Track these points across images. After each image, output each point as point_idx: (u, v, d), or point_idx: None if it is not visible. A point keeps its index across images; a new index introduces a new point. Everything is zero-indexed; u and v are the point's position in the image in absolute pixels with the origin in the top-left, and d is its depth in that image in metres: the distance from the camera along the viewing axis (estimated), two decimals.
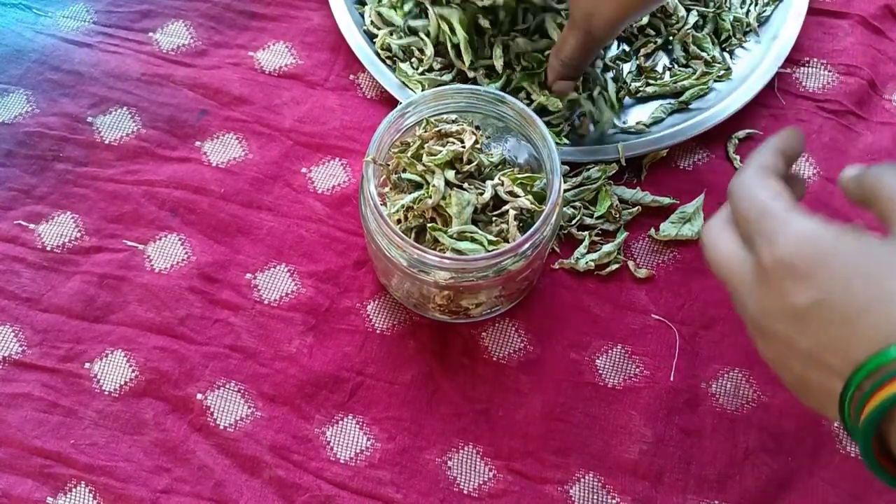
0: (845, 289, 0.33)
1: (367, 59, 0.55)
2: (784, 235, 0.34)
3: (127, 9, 0.59)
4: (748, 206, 0.36)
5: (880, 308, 0.32)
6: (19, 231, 0.51)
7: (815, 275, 0.34)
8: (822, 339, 0.33)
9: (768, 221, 0.35)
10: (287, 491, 0.45)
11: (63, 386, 0.47)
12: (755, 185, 0.37)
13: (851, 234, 0.35)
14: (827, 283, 0.33)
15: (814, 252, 0.34)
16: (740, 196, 0.37)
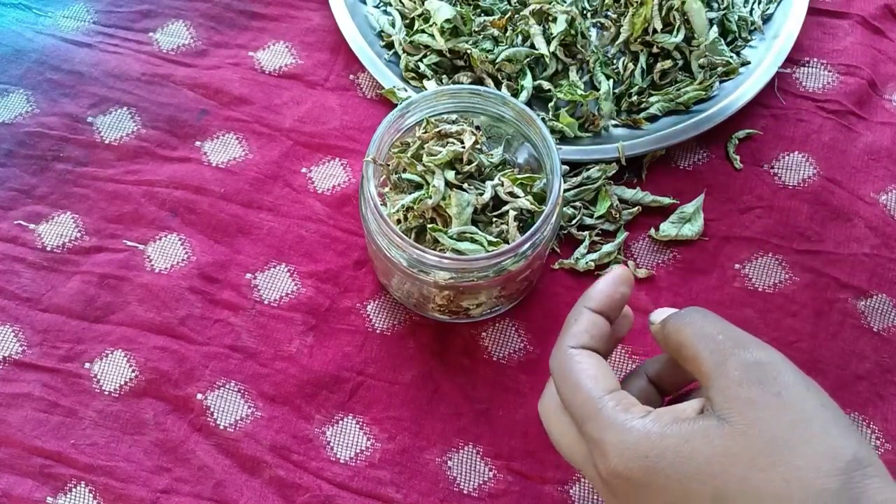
0: (685, 497, 0.31)
1: (367, 59, 0.55)
2: (612, 446, 0.32)
3: (127, 9, 0.59)
4: (571, 398, 0.34)
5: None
6: (19, 231, 0.51)
7: (652, 486, 0.31)
8: None
9: (593, 426, 0.33)
10: (287, 491, 0.45)
11: (63, 386, 0.47)
12: (572, 370, 0.34)
13: (678, 433, 0.31)
14: (666, 494, 0.31)
15: (645, 463, 0.31)
16: (561, 381, 0.35)
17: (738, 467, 0.30)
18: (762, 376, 0.32)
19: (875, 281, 0.51)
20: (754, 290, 0.51)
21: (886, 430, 0.47)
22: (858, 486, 0.29)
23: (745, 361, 0.32)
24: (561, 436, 0.36)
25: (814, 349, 0.49)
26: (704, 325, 0.34)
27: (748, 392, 0.31)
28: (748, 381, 0.31)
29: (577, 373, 0.34)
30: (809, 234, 0.53)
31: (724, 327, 0.34)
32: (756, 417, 0.30)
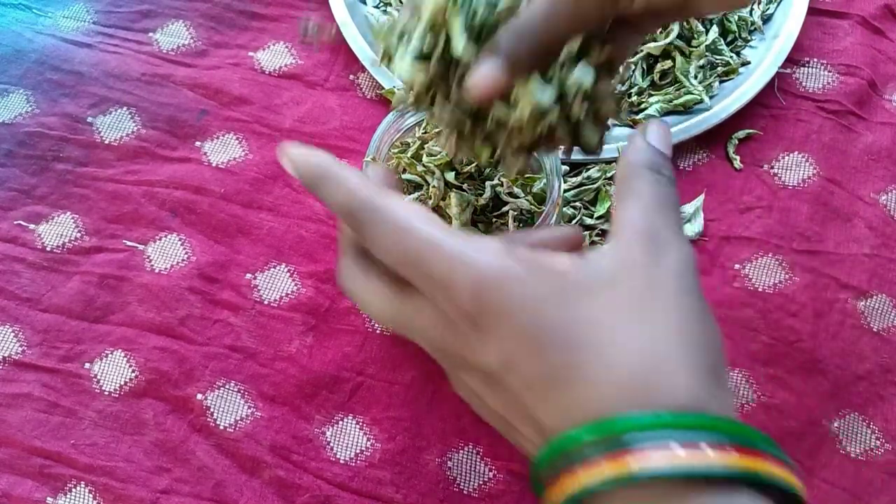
0: (533, 348, 0.28)
1: (368, 59, 0.55)
2: (458, 277, 0.28)
3: (127, 9, 0.59)
4: (405, 261, 0.30)
5: (568, 379, 0.27)
6: (19, 231, 0.51)
7: (499, 330, 0.28)
8: (512, 406, 0.29)
9: (435, 266, 0.29)
10: (287, 491, 0.45)
11: (63, 386, 0.47)
12: (399, 227, 0.30)
13: (538, 272, 0.29)
14: (514, 338, 0.28)
15: (498, 302, 0.28)
16: (386, 249, 0.30)
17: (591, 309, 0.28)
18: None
19: (875, 281, 0.51)
20: (754, 291, 0.51)
21: (886, 430, 0.47)
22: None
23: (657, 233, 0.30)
24: (376, 300, 0.32)
25: (814, 349, 0.49)
26: (657, 193, 0.31)
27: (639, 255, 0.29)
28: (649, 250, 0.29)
29: (401, 217, 0.30)
30: (809, 234, 0.53)
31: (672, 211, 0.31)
32: (627, 275, 0.29)
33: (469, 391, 0.32)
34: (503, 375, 0.29)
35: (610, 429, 0.26)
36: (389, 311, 0.32)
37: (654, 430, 0.26)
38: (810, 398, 0.48)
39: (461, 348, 0.30)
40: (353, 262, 0.33)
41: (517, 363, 0.28)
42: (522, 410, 0.29)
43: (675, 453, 0.25)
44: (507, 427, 0.31)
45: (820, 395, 0.48)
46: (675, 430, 0.26)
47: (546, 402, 0.28)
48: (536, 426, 0.29)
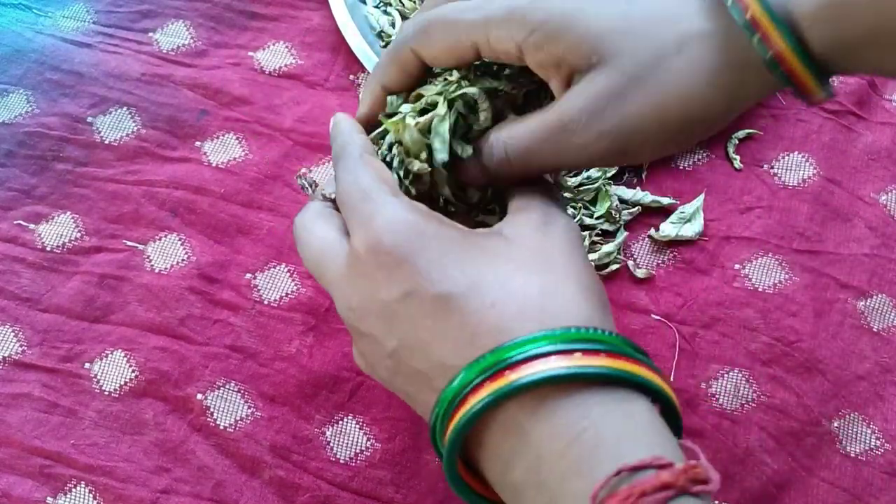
0: (435, 281, 0.31)
1: (368, 59, 0.55)
2: (380, 219, 0.32)
3: (127, 9, 0.59)
4: (350, 189, 0.34)
5: (472, 307, 0.30)
6: (19, 231, 0.51)
7: (406, 264, 0.31)
8: (409, 339, 0.31)
9: (367, 205, 0.32)
10: (287, 491, 0.45)
11: (63, 386, 0.47)
12: (359, 168, 0.34)
13: (450, 225, 0.33)
14: (417, 274, 0.31)
15: (406, 239, 0.31)
16: (344, 180, 0.34)
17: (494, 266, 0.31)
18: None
19: (875, 281, 0.51)
20: (754, 291, 0.51)
21: (886, 430, 0.47)
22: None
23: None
24: (318, 231, 0.35)
25: (814, 349, 0.49)
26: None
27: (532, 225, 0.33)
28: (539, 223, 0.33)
29: (363, 170, 0.34)
30: (809, 234, 0.53)
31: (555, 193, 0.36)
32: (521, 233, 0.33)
33: (367, 342, 0.33)
34: (405, 306, 0.31)
35: (497, 356, 0.29)
36: (321, 239, 0.35)
37: (536, 345, 0.28)
38: (810, 398, 0.48)
39: (367, 284, 0.32)
40: (314, 206, 0.37)
41: (420, 293, 0.31)
42: (420, 349, 0.31)
43: (548, 363, 0.28)
44: (399, 377, 0.33)
45: (820, 394, 0.48)
46: (556, 344, 0.28)
47: (444, 334, 0.30)
48: (431, 358, 0.31)
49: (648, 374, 0.29)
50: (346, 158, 0.35)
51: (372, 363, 0.34)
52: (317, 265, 0.35)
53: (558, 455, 0.28)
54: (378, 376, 0.34)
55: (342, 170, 0.35)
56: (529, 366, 0.28)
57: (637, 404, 0.29)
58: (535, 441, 0.29)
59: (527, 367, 0.28)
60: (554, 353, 0.28)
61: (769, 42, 0.30)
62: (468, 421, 0.29)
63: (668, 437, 0.29)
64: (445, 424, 0.30)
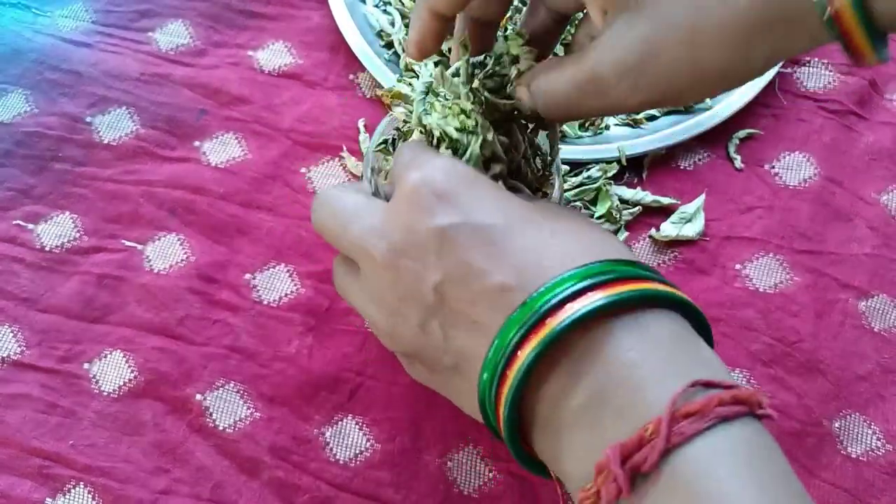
0: (484, 214, 0.32)
1: (367, 58, 0.55)
2: (436, 161, 0.34)
3: (126, 8, 0.58)
4: (408, 146, 0.36)
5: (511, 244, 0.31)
6: (18, 231, 0.51)
7: (459, 197, 0.32)
8: (458, 267, 0.32)
9: (423, 155, 0.35)
10: (286, 492, 0.45)
11: (62, 386, 0.47)
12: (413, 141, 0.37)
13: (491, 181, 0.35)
14: (468, 206, 0.32)
15: (458, 180, 0.33)
16: (401, 147, 0.37)
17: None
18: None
19: (876, 281, 0.51)
20: (755, 291, 0.51)
21: (887, 430, 0.47)
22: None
23: None
24: (349, 196, 0.36)
25: (815, 349, 0.49)
26: None
27: None
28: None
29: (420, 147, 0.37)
30: (810, 234, 0.52)
31: None
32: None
33: (411, 285, 0.33)
34: (453, 233, 0.32)
35: (531, 307, 0.30)
36: (353, 201, 0.36)
37: (568, 285, 0.30)
38: (811, 398, 0.48)
39: (414, 217, 0.33)
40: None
41: (468, 223, 0.32)
42: (466, 322, 0.32)
43: (587, 299, 0.29)
44: (437, 320, 0.33)
45: (821, 395, 0.48)
46: (588, 279, 0.30)
47: (485, 300, 0.31)
48: (480, 334, 0.31)
49: (669, 289, 0.32)
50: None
51: (405, 307, 0.33)
52: (349, 219, 0.35)
53: (625, 374, 0.29)
54: (408, 326, 0.34)
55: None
56: (562, 311, 0.29)
57: (680, 322, 0.31)
58: (597, 365, 0.30)
59: (561, 314, 0.29)
60: (589, 288, 0.30)
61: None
62: (521, 380, 0.30)
63: (715, 356, 0.31)
64: (498, 384, 0.30)
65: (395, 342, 0.36)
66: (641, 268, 0.32)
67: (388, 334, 0.36)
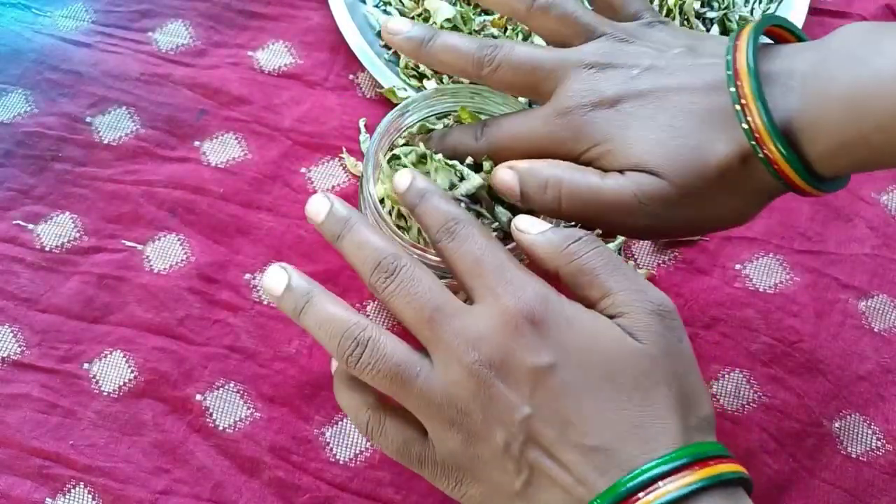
0: (581, 364, 0.32)
1: (367, 58, 0.55)
2: (527, 285, 0.33)
3: (126, 8, 0.58)
4: (485, 256, 0.35)
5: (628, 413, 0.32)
6: (18, 231, 0.51)
7: (554, 335, 0.33)
8: (551, 411, 0.32)
9: (508, 271, 0.34)
10: (286, 492, 0.45)
11: (62, 386, 0.47)
12: (483, 232, 0.36)
13: (587, 311, 0.34)
14: (565, 348, 0.32)
15: (556, 313, 0.33)
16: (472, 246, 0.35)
17: (646, 379, 0.32)
18: (671, 322, 0.34)
19: (876, 281, 0.51)
20: (755, 291, 0.51)
21: (887, 430, 0.47)
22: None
23: (654, 299, 0.34)
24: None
25: (815, 349, 0.49)
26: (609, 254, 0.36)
27: (658, 326, 0.33)
28: (659, 315, 0.34)
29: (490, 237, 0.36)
30: (810, 234, 0.52)
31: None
32: (665, 348, 0.33)
33: (497, 413, 0.32)
34: (548, 376, 0.32)
35: (621, 485, 0.31)
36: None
37: (653, 475, 0.31)
38: (811, 398, 0.48)
39: (518, 347, 0.32)
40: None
41: (563, 367, 0.32)
42: (552, 459, 0.32)
43: (664, 486, 0.30)
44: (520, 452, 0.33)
45: (821, 395, 0.48)
46: (665, 471, 0.31)
47: (575, 451, 0.32)
48: (563, 440, 0.32)
49: (733, 467, 0.32)
50: (461, 222, 0.36)
51: (489, 425, 0.33)
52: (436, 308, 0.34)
53: None
54: (489, 444, 0.33)
55: (461, 237, 0.35)
56: (658, 488, 0.30)
57: (743, 496, 0.32)
58: None
59: (655, 491, 0.30)
60: (678, 469, 0.31)
61: (782, 173, 0.35)
62: None
63: None
64: None
65: (459, 455, 0.34)
66: (718, 448, 0.33)
67: (457, 443, 0.33)
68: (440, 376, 0.33)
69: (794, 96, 0.35)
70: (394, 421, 0.35)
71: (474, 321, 0.33)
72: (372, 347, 0.34)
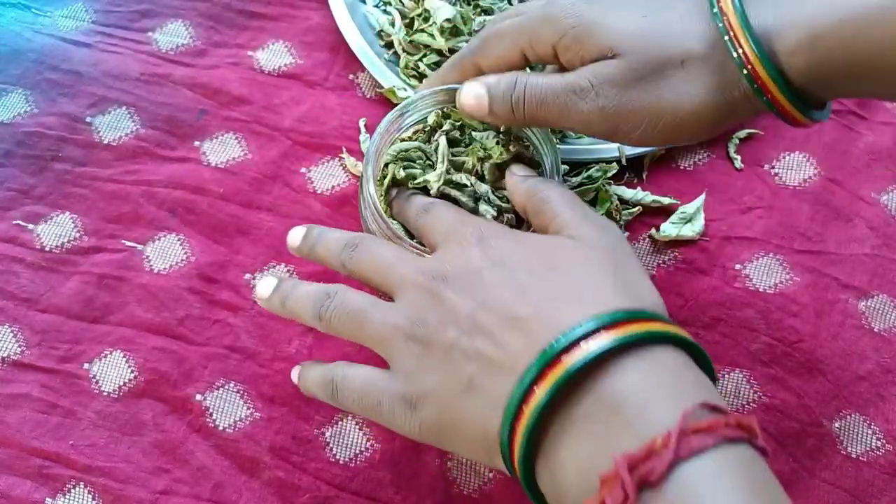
0: (521, 256, 0.37)
1: (367, 58, 0.55)
2: (474, 217, 0.41)
3: (126, 8, 0.58)
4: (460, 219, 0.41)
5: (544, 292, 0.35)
6: (18, 231, 0.51)
7: (497, 245, 0.38)
8: (491, 300, 0.36)
9: (464, 214, 0.42)
10: (286, 492, 0.45)
11: (62, 387, 0.47)
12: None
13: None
14: (507, 251, 0.37)
15: (497, 229, 0.40)
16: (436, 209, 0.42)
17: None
18: (609, 229, 0.39)
19: (876, 281, 0.51)
20: (755, 291, 0.51)
21: (887, 430, 0.47)
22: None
23: (595, 217, 0.39)
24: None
25: (815, 349, 0.49)
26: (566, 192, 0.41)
27: (596, 231, 0.38)
28: (598, 226, 0.38)
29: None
30: (810, 234, 0.52)
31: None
32: (600, 242, 0.37)
33: (444, 313, 0.36)
34: (491, 272, 0.37)
35: (551, 349, 0.33)
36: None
37: (581, 329, 0.32)
38: (811, 398, 0.48)
39: (464, 255, 0.38)
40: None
41: (514, 260, 0.37)
42: (492, 340, 0.34)
43: (586, 344, 0.32)
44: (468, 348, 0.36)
45: (821, 395, 0.48)
46: (588, 331, 0.32)
47: (512, 328, 0.34)
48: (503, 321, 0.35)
49: (669, 327, 0.33)
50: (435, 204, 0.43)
51: (441, 326, 0.36)
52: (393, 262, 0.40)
53: (633, 391, 0.31)
54: (441, 340, 0.36)
55: (432, 214, 0.42)
56: (574, 354, 0.32)
57: (684, 356, 0.33)
58: (605, 383, 0.32)
59: (573, 356, 0.32)
60: (586, 337, 0.32)
61: (755, 74, 0.36)
62: (538, 413, 0.32)
63: (715, 389, 0.34)
64: (518, 409, 0.32)
65: (416, 370, 0.37)
66: (647, 312, 0.34)
67: (414, 355, 0.37)
68: (400, 304, 0.38)
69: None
70: (354, 367, 0.40)
71: (431, 259, 0.39)
72: (340, 295, 0.39)
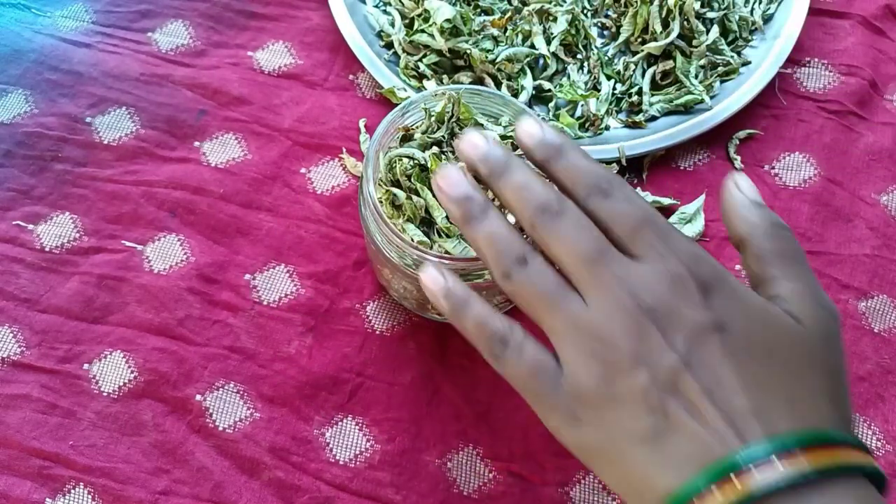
0: (744, 333, 0.32)
1: (367, 58, 0.55)
2: (689, 245, 0.33)
3: (126, 9, 0.58)
4: (655, 218, 0.34)
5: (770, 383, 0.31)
6: (18, 231, 0.51)
7: (720, 303, 0.32)
8: (708, 371, 0.31)
9: (670, 233, 0.34)
10: (286, 492, 0.45)
11: (62, 387, 0.47)
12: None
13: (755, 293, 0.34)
14: (732, 316, 0.32)
15: (721, 276, 0.33)
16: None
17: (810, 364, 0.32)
18: (835, 320, 0.33)
19: (876, 282, 0.51)
20: None
21: (887, 431, 0.47)
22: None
23: (824, 298, 0.34)
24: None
25: None
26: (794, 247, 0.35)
27: (824, 316, 0.33)
28: (826, 310, 0.33)
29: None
30: (810, 234, 0.52)
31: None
32: (827, 337, 0.32)
33: (631, 400, 0.31)
34: (718, 333, 0.31)
35: (745, 457, 0.29)
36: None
37: (765, 451, 0.29)
38: None
39: (683, 305, 0.31)
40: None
41: (737, 331, 0.31)
42: (707, 374, 0.31)
43: (776, 467, 0.29)
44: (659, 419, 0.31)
45: None
46: (788, 447, 0.29)
47: (744, 377, 0.30)
48: (710, 398, 0.30)
49: (861, 456, 0.30)
50: (613, 183, 0.34)
51: (638, 364, 0.31)
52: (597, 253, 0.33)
53: None
54: (633, 380, 0.31)
55: (616, 197, 0.34)
56: (758, 474, 0.29)
57: (873, 492, 0.30)
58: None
59: (756, 475, 0.29)
60: (778, 458, 0.29)
61: None
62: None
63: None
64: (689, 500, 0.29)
65: (591, 390, 0.32)
66: (853, 439, 0.31)
67: (594, 376, 0.32)
68: (594, 310, 0.32)
69: None
70: (532, 341, 0.33)
71: (639, 271, 0.32)
72: (529, 268, 0.33)
